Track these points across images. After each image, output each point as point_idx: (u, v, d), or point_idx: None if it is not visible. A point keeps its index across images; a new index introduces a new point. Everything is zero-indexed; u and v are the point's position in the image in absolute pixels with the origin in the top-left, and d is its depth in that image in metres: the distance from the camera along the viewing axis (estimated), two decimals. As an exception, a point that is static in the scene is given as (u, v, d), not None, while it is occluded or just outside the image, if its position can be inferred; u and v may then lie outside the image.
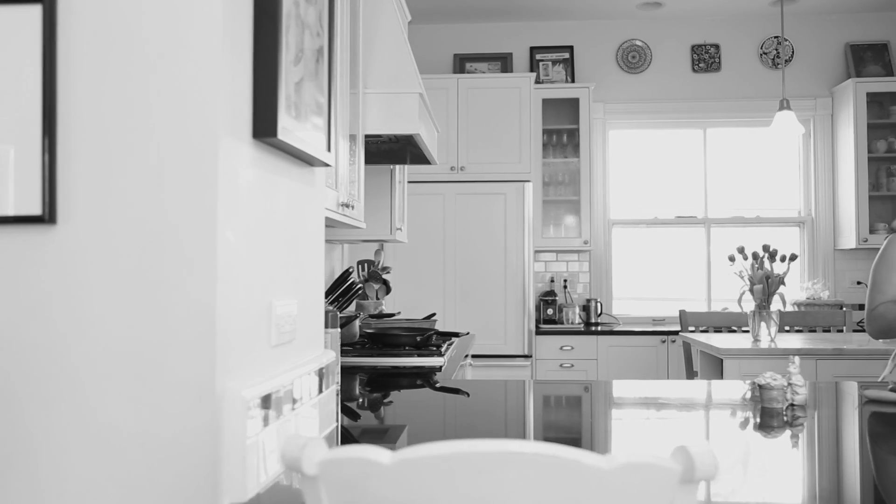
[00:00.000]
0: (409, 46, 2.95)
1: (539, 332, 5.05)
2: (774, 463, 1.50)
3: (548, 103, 5.36)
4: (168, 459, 1.06)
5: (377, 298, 3.58)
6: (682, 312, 4.39)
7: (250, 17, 1.20)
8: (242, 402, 1.10)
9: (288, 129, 1.25)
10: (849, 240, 5.21)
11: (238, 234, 1.15)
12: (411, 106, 2.78)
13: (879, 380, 2.46)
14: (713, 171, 5.62)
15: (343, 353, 2.79)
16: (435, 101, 5.09)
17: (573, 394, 2.45)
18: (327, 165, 1.55)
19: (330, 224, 2.52)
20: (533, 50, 5.63)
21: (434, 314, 3.43)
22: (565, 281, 5.53)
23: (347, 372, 2.62)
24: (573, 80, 5.56)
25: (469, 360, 3.71)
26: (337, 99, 2.31)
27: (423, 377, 2.56)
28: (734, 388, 2.25)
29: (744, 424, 1.87)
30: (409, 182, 4.96)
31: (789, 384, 1.87)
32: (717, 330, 4.38)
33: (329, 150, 1.54)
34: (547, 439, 1.75)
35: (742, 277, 3.63)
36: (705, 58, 5.57)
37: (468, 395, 2.35)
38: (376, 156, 3.46)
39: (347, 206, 2.40)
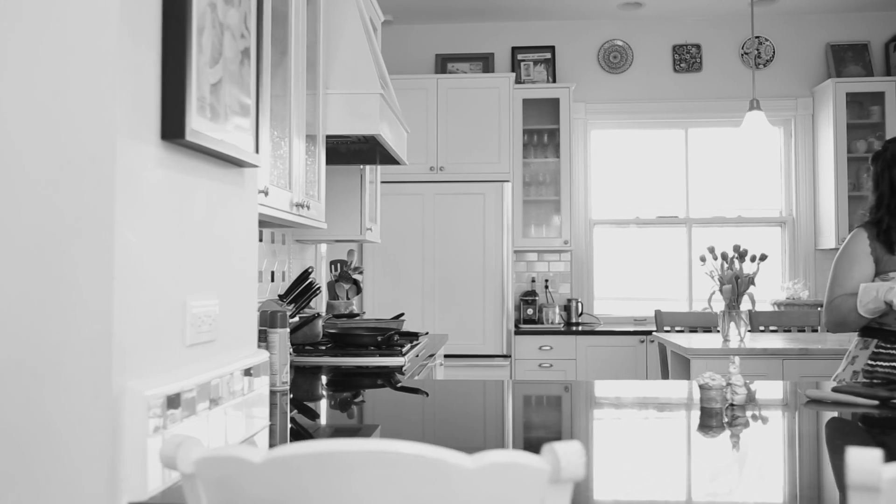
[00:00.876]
0: (371, 47, 2.96)
1: (518, 332, 5.06)
2: (703, 462, 1.50)
3: (528, 103, 5.36)
4: (65, 458, 1.07)
5: (347, 298, 3.59)
6: (657, 312, 4.39)
7: (158, 22, 1.21)
8: (144, 401, 1.11)
9: (200, 130, 1.26)
10: (829, 240, 5.21)
11: (143, 235, 1.15)
12: (372, 106, 2.79)
13: (832, 378, 2.47)
14: (695, 171, 5.62)
15: (305, 352, 2.80)
16: (415, 102, 5.10)
17: (541, 393, 2.45)
18: (255, 166, 1.55)
19: (287, 224, 2.53)
20: (514, 50, 5.63)
21: (402, 314, 3.43)
22: (547, 281, 5.54)
23: (309, 372, 2.63)
24: (554, 81, 5.57)
25: (440, 360, 3.72)
26: (291, 99, 2.32)
27: (384, 377, 2.57)
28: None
29: (686, 425, 1.88)
30: (388, 182, 4.97)
31: (729, 384, 1.87)
32: (693, 330, 4.39)
33: (257, 151, 1.54)
34: (492, 439, 1.76)
35: (712, 277, 3.63)
36: (686, 58, 5.57)
37: (427, 394, 2.36)
38: (346, 156, 3.47)
39: (302, 206, 2.41)
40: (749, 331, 4.27)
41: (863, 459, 0.82)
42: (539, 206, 5.48)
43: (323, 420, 1.98)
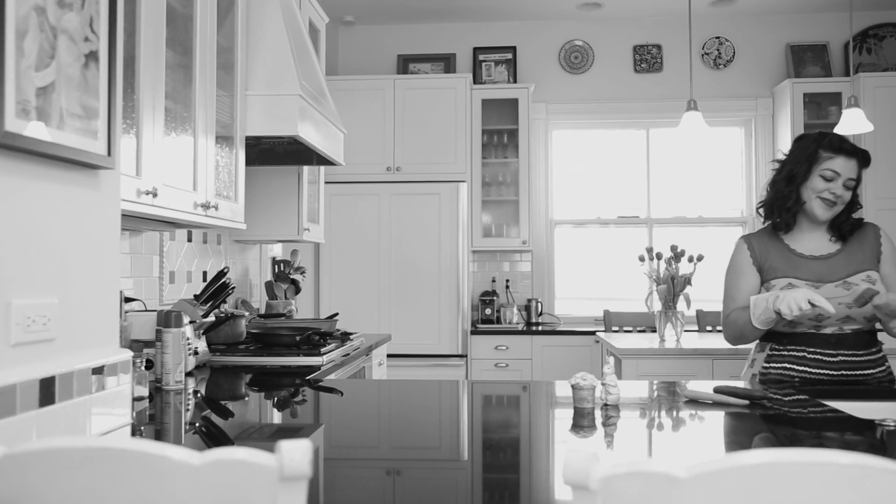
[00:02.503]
0: (297, 49, 2.98)
1: (476, 331, 5.07)
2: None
3: (488, 104, 5.37)
4: None
5: (286, 298, 3.60)
6: (605, 312, 4.41)
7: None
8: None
9: (19, 133, 1.28)
10: (787, 240, 5.21)
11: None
12: (291, 107, 2.81)
13: (741, 377, 2.48)
14: (656, 171, 5.63)
15: (226, 352, 2.82)
16: (372, 102, 5.12)
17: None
18: (109, 168, 1.57)
19: (193, 225, 2.55)
20: (476, 50, 5.65)
21: (336, 314, 3.45)
22: (507, 281, 5.55)
23: (226, 371, 2.65)
24: (515, 81, 5.58)
25: (379, 360, 3.74)
26: (196, 100, 2.34)
27: (300, 377, 2.58)
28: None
29: (562, 424, 1.89)
30: (344, 182, 4.99)
31: (604, 384, 1.89)
32: (642, 330, 4.40)
33: (109, 153, 1.56)
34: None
35: (650, 278, 3.64)
36: (647, 58, 5.58)
37: (342, 394, 2.38)
38: (283, 157, 3.49)
39: (209, 206, 2.43)
40: (696, 331, 4.28)
41: (576, 458, 0.84)
42: (500, 206, 5.49)
43: (221, 419, 2.00)
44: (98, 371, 1.54)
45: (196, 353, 2.49)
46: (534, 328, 5.17)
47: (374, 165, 5.10)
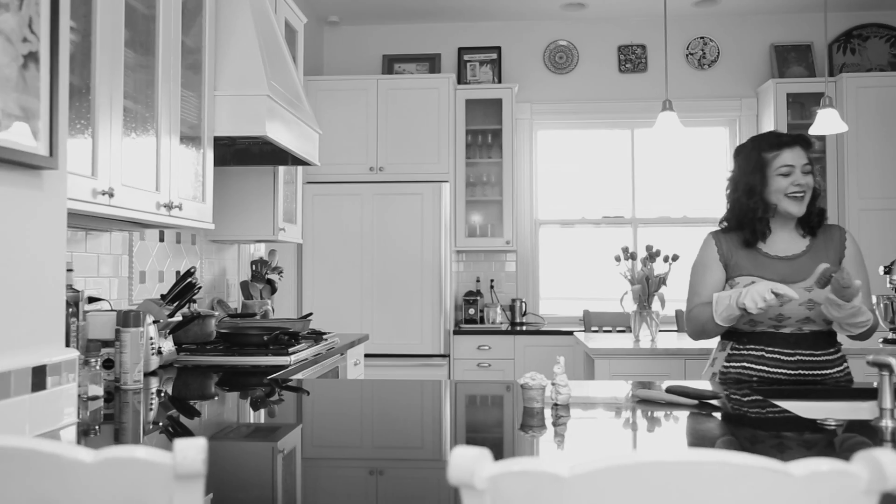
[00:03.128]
0: (267, 50, 2.99)
1: (458, 331, 5.08)
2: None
3: (472, 104, 5.37)
4: None
5: (261, 298, 3.61)
6: (585, 312, 4.41)
7: None
8: None
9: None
10: (771, 240, 5.21)
11: None
12: (259, 108, 2.82)
13: (702, 376, 2.48)
14: (641, 171, 5.63)
15: (196, 352, 2.83)
16: (355, 102, 5.12)
17: (416, 392, 2.47)
18: (52, 168, 1.58)
19: (156, 225, 2.56)
20: (461, 51, 5.65)
21: (310, 314, 3.46)
22: (492, 281, 5.55)
23: (192, 371, 2.65)
24: (500, 81, 5.59)
25: (355, 360, 3.74)
26: (158, 100, 2.35)
27: (268, 376, 2.59)
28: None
29: (510, 423, 1.90)
30: (326, 182, 5.00)
31: (554, 384, 1.89)
32: (622, 330, 4.40)
33: (51, 154, 1.57)
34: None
35: (625, 278, 3.65)
36: (632, 58, 5.58)
37: (308, 393, 2.39)
38: (259, 157, 3.50)
39: (172, 206, 2.44)
40: (675, 331, 4.28)
41: (462, 458, 0.84)
42: (484, 206, 5.49)
43: (177, 418, 2.01)
44: (39, 371, 1.55)
45: (160, 352, 2.49)
46: (518, 328, 5.18)
47: (357, 165, 5.10)
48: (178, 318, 2.70)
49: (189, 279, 2.63)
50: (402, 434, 1.83)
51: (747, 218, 2.30)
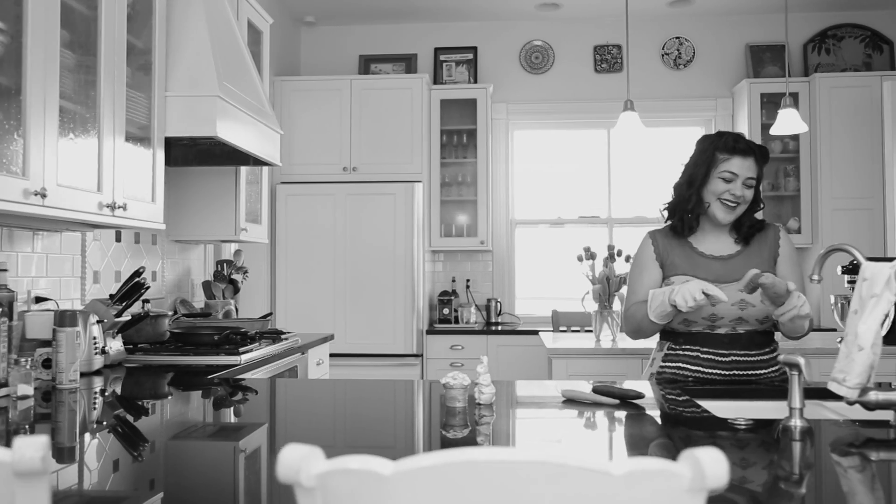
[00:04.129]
0: (222, 51, 3.00)
1: (431, 331, 5.09)
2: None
3: (447, 104, 5.38)
4: None
5: (224, 298, 3.62)
6: (553, 312, 4.42)
7: None
8: None
9: None
10: (745, 240, 5.22)
11: None
12: (209, 108, 2.83)
13: (642, 376, 2.49)
14: (617, 171, 5.64)
15: (149, 351, 2.84)
16: (330, 103, 5.13)
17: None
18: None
19: (100, 225, 2.57)
20: (437, 51, 5.66)
21: (270, 313, 3.47)
22: (468, 281, 5.56)
23: (144, 371, 2.66)
24: (476, 81, 5.59)
25: (318, 359, 3.75)
26: (101, 101, 2.36)
27: (219, 377, 2.59)
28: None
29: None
30: (299, 183, 5.02)
31: (476, 384, 1.90)
32: (589, 330, 4.40)
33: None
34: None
35: (587, 277, 3.65)
36: (608, 58, 5.59)
37: (256, 392, 2.40)
38: (220, 158, 3.50)
39: (116, 206, 2.45)
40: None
41: (289, 456, 0.85)
42: (460, 206, 5.50)
43: (115, 416, 2.02)
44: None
45: (104, 352, 2.50)
46: (492, 328, 5.18)
47: (330, 166, 5.12)
48: (125, 317, 2.71)
49: (137, 279, 2.64)
50: (323, 433, 1.84)
51: (679, 207, 2.32)
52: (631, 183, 5.61)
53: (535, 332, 4.97)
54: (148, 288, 2.68)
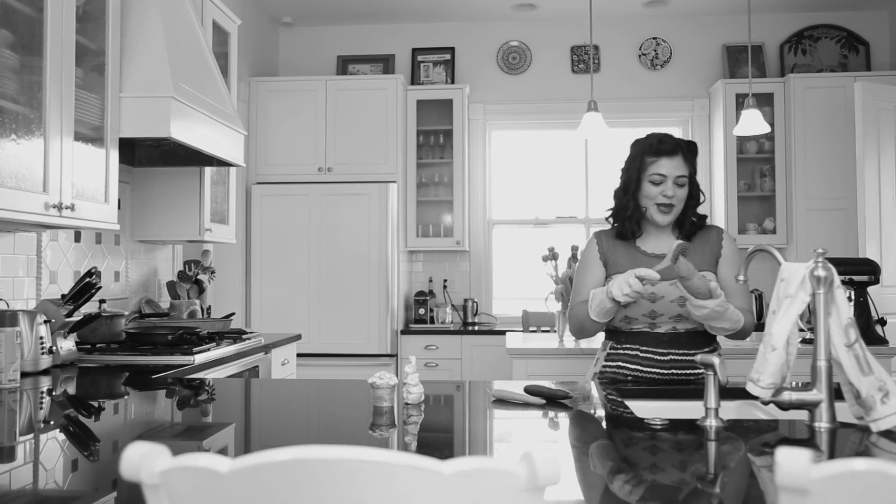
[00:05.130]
0: (177, 52, 3.01)
1: (406, 331, 5.10)
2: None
3: (424, 104, 5.39)
4: None
5: (189, 298, 3.64)
6: (524, 313, 4.43)
7: None
8: None
9: None
10: (721, 240, 5.22)
11: None
12: (164, 109, 2.84)
13: (586, 376, 2.49)
14: (594, 171, 5.64)
15: (104, 350, 2.85)
16: (306, 103, 5.14)
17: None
18: None
19: (47, 226, 2.58)
20: (415, 51, 5.67)
21: (232, 313, 3.48)
22: (445, 281, 5.57)
23: (95, 371, 2.67)
24: (454, 82, 5.60)
25: (284, 359, 3.76)
26: (47, 101, 2.37)
27: (171, 376, 2.60)
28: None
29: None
30: (274, 183, 5.03)
31: (404, 384, 1.91)
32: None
33: None
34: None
35: (551, 277, 3.66)
36: (585, 59, 5.59)
37: (210, 392, 2.40)
38: (185, 158, 3.51)
39: (62, 207, 2.46)
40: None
41: (133, 454, 0.86)
42: (437, 206, 5.51)
43: (42, 416, 2.03)
44: None
45: (51, 351, 2.52)
46: (469, 328, 5.19)
47: (305, 166, 5.13)
48: (77, 317, 2.72)
49: (88, 279, 2.65)
50: (245, 431, 1.85)
51: (619, 214, 2.33)
52: (610, 183, 5.61)
53: (503, 333, 4.98)
54: (99, 288, 2.69)
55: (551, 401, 1.91)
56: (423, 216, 5.47)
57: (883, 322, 4.50)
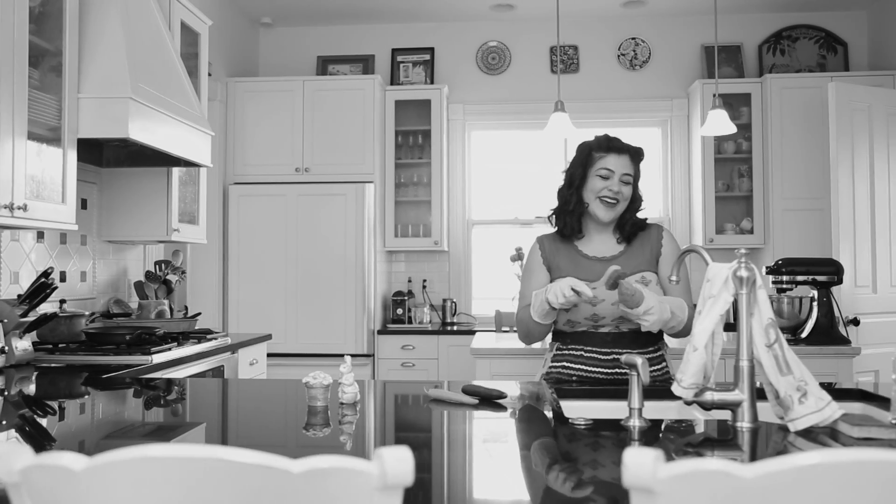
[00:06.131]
0: (140, 53, 3.02)
1: (383, 331, 5.10)
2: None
3: (403, 105, 5.40)
4: None
5: (157, 298, 3.65)
6: (497, 313, 4.43)
7: None
8: None
9: None
10: (699, 240, 5.23)
11: None
12: (122, 110, 2.85)
13: (536, 377, 2.50)
14: (573, 172, 5.64)
15: (63, 350, 2.86)
16: (284, 104, 5.15)
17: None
18: None
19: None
20: (395, 52, 5.68)
21: (198, 314, 3.49)
22: (424, 281, 5.58)
23: (52, 371, 2.68)
24: (433, 82, 5.61)
25: (253, 359, 3.77)
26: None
27: (130, 376, 2.61)
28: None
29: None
30: (250, 183, 5.04)
31: (339, 383, 1.92)
32: (532, 330, 4.41)
33: None
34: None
35: (518, 277, 3.66)
36: (564, 59, 5.60)
37: (164, 392, 2.41)
38: (152, 158, 3.52)
39: (14, 207, 2.47)
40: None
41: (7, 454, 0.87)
42: (415, 206, 5.51)
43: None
44: None
45: (3, 351, 2.53)
46: (447, 328, 5.20)
47: (283, 166, 5.14)
48: (33, 318, 2.73)
49: (43, 279, 2.66)
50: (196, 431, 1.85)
51: (562, 210, 2.34)
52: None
53: (479, 332, 4.99)
54: (55, 288, 2.70)
55: (486, 400, 1.92)
56: (402, 216, 5.48)
57: (856, 322, 4.51)
